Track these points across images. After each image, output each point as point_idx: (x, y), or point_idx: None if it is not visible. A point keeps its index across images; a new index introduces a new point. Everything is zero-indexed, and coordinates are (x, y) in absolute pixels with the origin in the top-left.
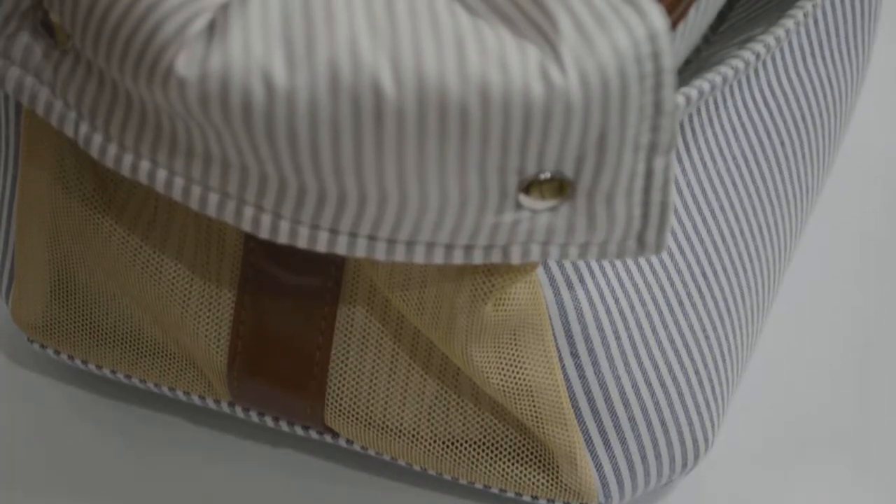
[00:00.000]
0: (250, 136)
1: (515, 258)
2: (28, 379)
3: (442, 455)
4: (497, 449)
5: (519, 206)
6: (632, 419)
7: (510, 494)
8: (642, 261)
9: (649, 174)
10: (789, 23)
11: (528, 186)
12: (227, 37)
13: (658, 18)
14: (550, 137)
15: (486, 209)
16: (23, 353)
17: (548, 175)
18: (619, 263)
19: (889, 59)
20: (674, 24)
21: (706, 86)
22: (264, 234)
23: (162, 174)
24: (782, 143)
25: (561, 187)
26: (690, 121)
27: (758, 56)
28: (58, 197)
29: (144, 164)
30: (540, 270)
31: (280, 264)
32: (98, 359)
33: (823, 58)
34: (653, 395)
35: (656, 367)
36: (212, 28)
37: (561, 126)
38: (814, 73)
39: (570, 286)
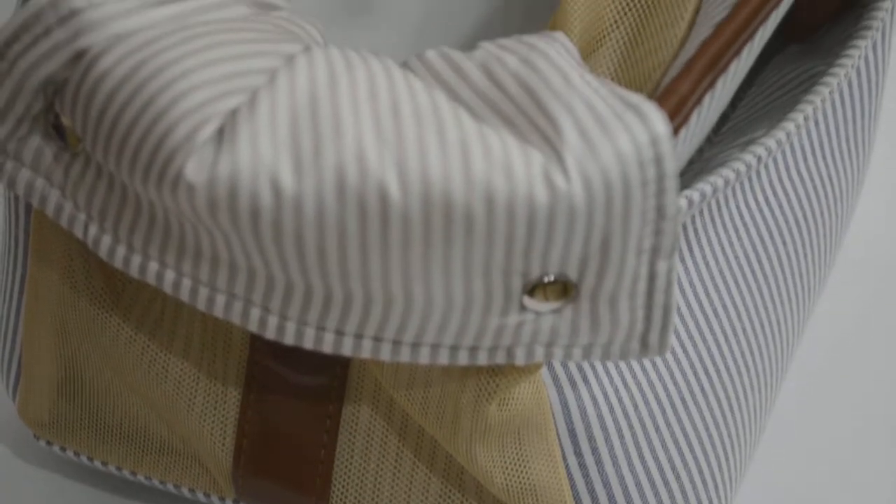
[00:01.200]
0: (258, 240)
1: (520, 359)
2: (33, 475)
3: None
4: None
5: (523, 308)
6: None
7: None
8: (645, 360)
9: (652, 277)
10: (790, 126)
11: (533, 289)
12: (236, 142)
13: (660, 124)
14: (554, 241)
15: (490, 311)
16: (28, 449)
17: (552, 277)
18: (622, 363)
19: (888, 155)
20: (676, 130)
21: (708, 188)
22: (271, 335)
23: (170, 275)
24: (784, 243)
25: (565, 289)
26: (693, 220)
27: (759, 159)
28: (66, 295)
29: (153, 266)
30: (543, 369)
31: (285, 364)
32: (104, 455)
33: (824, 158)
34: (656, 494)
35: (660, 466)
36: (221, 134)
37: (565, 230)
38: (815, 173)
39: (573, 385)
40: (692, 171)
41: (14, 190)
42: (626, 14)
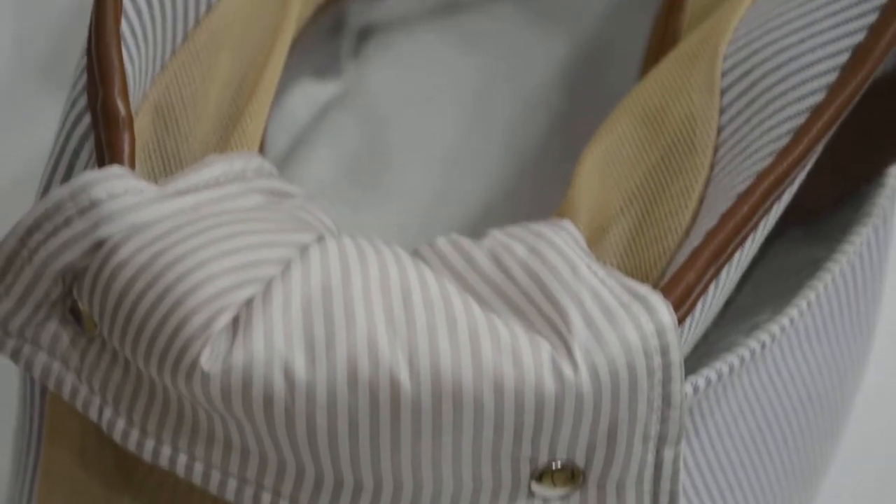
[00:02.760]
0: (270, 427)
1: None
2: None
3: None
4: None
5: (531, 494)
6: None
7: None
8: None
9: (658, 464)
10: (794, 312)
11: (541, 475)
12: (251, 333)
13: (666, 314)
14: (562, 428)
15: (499, 497)
16: None
17: (559, 464)
18: None
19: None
20: (681, 319)
21: (713, 375)
22: None
23: (182, 459)
24: (789, 422)
25: (572, 475)
26: (699, 403)
27: (763, 345)
28: (78, 476)
29: (165, 450)
30: None
31: None
32: None
33: (828, 338)
34: None
35: None
36: (235, 324)
37: (572, 418)
38: (818, 354)
39: None
40: (697, 353)
41: (31, 373)
42: (632, 202)
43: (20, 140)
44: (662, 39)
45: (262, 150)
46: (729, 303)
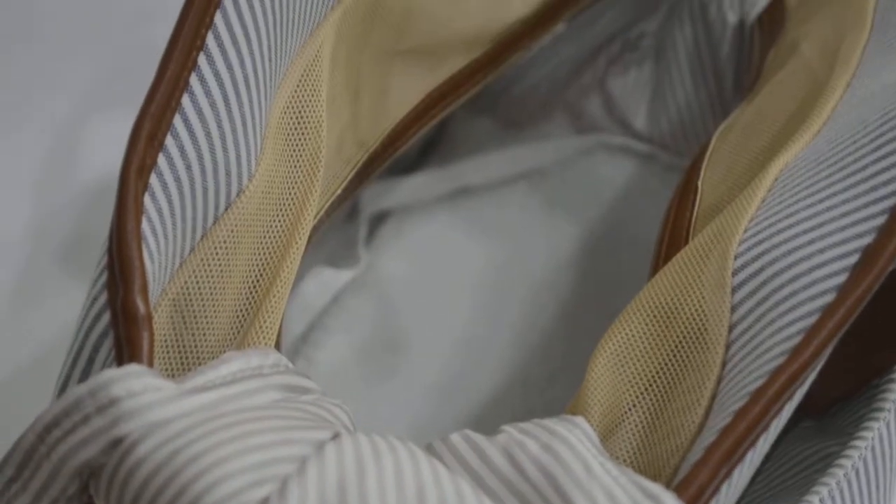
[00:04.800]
0: None
1: None
2: None
3: None
4: None
5: None
6: None
7: None
8: None
9: None
10: None
11: None
12: None
13: None
14: None
15: None
16: None
17: None
18: None
19: None
20: None
21: None
22: None
23: None
24: None
25: None
26: None
27: None
28: None
29: None
30: None
31: None
32: None
33: None
34: None
35: None
36: None
37: None
38: None
39: None
40: None
41: None
42: (644, 397)
43: (37, 325)
44: (672, 230)
45: (279, 335)
46: (742, 497)
